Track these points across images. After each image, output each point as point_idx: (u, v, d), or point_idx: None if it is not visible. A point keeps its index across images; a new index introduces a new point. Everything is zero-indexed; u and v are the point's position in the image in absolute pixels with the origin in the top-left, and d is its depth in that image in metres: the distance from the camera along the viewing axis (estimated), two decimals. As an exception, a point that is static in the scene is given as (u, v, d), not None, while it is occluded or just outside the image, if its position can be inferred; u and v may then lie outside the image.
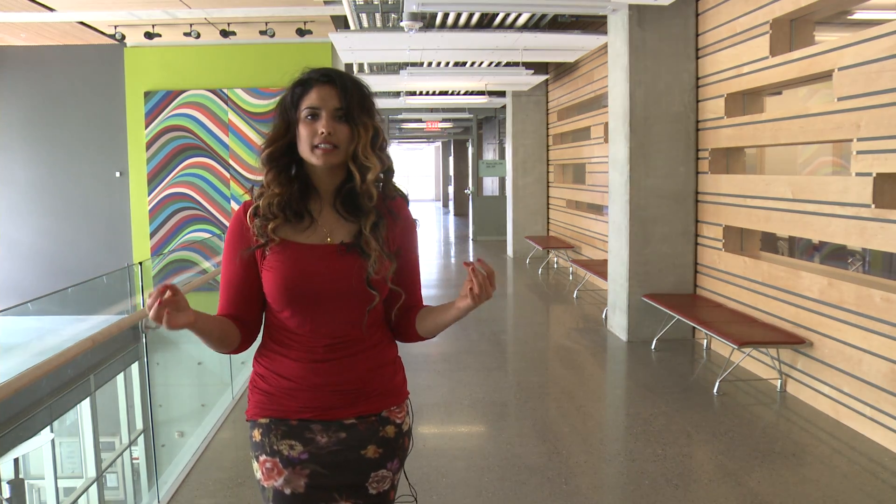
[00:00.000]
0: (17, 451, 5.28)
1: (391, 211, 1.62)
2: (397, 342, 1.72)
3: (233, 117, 10.32)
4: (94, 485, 5.47)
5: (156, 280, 8.38)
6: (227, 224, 1.68)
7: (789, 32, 4.68)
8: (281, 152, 1.57)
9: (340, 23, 9.13)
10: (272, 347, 1.61)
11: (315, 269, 1.55)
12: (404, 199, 1.67)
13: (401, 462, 1.66)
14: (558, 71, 10.43)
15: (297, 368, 1.57)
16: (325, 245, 1.57)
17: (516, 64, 8.89)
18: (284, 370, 1.58)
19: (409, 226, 1.67)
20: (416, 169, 33.40)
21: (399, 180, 1.68)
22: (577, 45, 7.92)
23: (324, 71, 1.57)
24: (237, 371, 4.92)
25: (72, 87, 10.56)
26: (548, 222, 11.68)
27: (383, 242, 1.58)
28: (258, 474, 1.59)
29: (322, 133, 1.52)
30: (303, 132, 1.54)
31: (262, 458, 1.58)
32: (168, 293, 1.36)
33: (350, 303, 1.57)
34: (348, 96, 1.54)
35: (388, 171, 1.61)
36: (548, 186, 11.65)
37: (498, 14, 7.19)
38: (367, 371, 1.60)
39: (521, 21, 7.36)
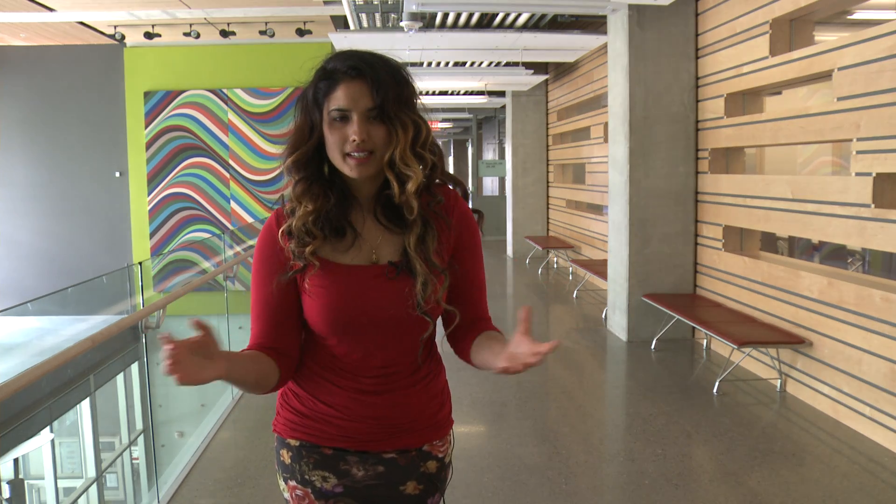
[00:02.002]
0: (17, 451, 5.28)
1: (439, 214, 1.40)
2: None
3: (232, 117, 10.32)
4: (94, 485, 5.47)
5: (156, 280, 8.38)
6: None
7: (789, 32, 4.68)
8: (308, 158, 1.36)
9: (340, 23, 9.14)
10: (313, 368, 1.43)
11: (363, 295, 1.36)
12: (462, 191, 1.46)
13: (441, 494, 1.51)
14: (558, 71, 10.43)
15: (342, 397, 1.41)
16: (372, 266, 1.37)
17: (516, 64, 8.89)
18: (326, 396, 1.42)
19: (467, 223, 1.45)
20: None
21: None
22: (577, 45, 7.92)
23: (352, 62, 1.31)
24: (237, 371, 4.90)
25: (72, 87, 10.56)
26: (548, 222, 11.68)
27: (434, 255, 1.37)
28: (286, 494, 1.47)
29: (354, 140, 1.30)
30: (331, 137, 1.32)
31: (292, 483, 1.44)
32: (193, 336, 1.13)
33: (403, 329, 1.39)
34: (382, 92, 1.30)
35: (434, 168, 1.39)
36: (548, 186, 11.65)
37: (498, 14, 7.19)
38: (416, 405, 1.44)
39: (521, 21, 7.37)
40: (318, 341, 1.42)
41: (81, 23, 9.42)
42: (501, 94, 12.10)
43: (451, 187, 1.46)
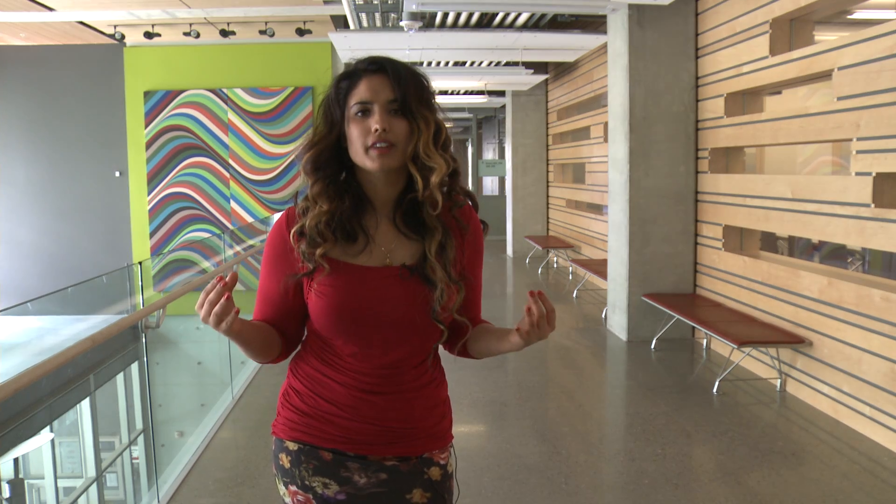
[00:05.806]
0: (17, 451, 5.28)
1: (458, 221, 1.41)
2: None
3: (232, 117, 10.31)
4: (94, 485, 5.48)
5: (156, 280, 8.38)
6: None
7: (789, 32, 4.68)
8: (327, 157, 1.36)
9: (340, 22, 9.13)
10: (316, 365, 1.43)
11: (372, 296, 1.35)
12: (472, 203, 1.47)
13: None
14: (558, 71, 10.43)
15: (343, 395, 1.40)
16: (385, 268, 1.37)
17: (516, 63, 8.89)
18: (328, 393, 1.41)
19: (477, 236, 1.47)
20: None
21: None
22: (577, 45, 7.92)
23: (372, 59, 1.36)
24: (237, 371, 4.92)
25: (72, 87, 10.56)
26: (547, 222, 11.68)
27: (451, 265, 1.37)
28: (287, 499, 1.45)
29: (376, 130, 1.30)
30: (353, 132, 1.33)
31: (293, 488, 1.42)
32: (223, 292, 1.21)
33: (411, 331, 1.38)
34: (403, 86, 1.33)
35: (454, 173, 1.38)
36: (547, 186, 11.65)
37: (498, 14, 7.19)
38: (419, 411, 1.43)
39: (521, 21, 7.36)
40: (323, 339, 1.41)
41: (81, 22, 9.41)
42: (501, 93, 12.10)
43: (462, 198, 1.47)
